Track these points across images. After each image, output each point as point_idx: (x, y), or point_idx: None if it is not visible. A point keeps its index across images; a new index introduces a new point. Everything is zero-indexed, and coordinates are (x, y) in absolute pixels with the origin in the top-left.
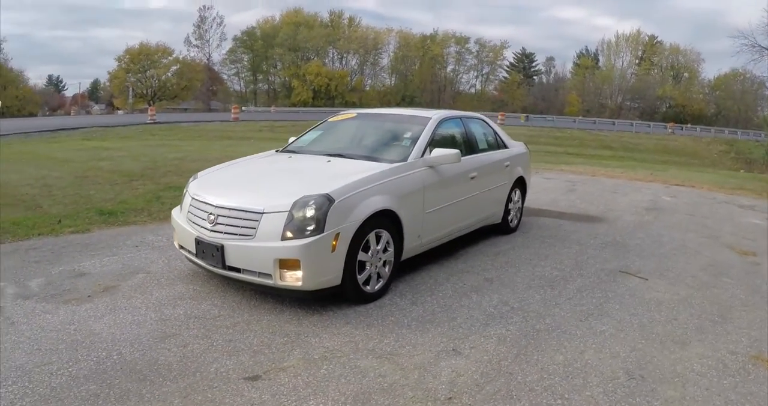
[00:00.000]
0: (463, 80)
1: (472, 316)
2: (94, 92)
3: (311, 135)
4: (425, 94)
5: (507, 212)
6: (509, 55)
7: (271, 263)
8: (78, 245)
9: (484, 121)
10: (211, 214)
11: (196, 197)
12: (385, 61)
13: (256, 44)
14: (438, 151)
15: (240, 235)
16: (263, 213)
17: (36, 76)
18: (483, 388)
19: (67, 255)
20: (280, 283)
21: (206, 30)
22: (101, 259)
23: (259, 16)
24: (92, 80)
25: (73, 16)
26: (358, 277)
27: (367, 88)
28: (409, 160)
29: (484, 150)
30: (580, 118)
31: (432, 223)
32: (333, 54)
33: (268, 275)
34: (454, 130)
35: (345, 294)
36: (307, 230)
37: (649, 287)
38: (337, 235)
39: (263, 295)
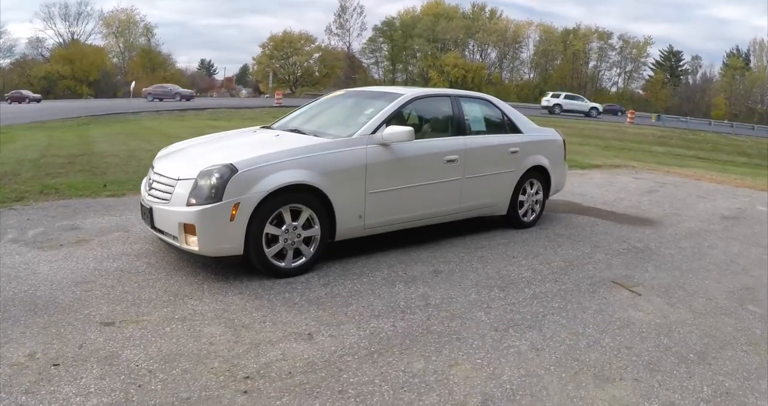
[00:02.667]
0: (605, 77)
1: (370, 305)
2: (242, 77)
3: (297, 111)
4: (565, 90)
5: (518, 204)
6: (655, 53)
7: (176, 226)
8: (101, 206)
9: (489, 101)
10: (150, 179)
11: (152, 165)
12: (525, 54)
13: (396, 34)
14: (390, 129)
15: (162, 199)
16: (178, 180)
17: (191, 61)
18: (293, 376)
19: (81, 213)
20: (184, 246)
21: (347, 19)
22: (103, 218)
23: (401, 6)
24: (242, 65)
25: (229, 4)
26: (267, 250)
27: (506, 82)
28: (354, 136)
29: (479, 133)
30: (715, 121)
31: (381, 205)
32: (473, 46)
33: (176, 238)
34: (436, 109)
35: (253, 266)
36: (207, 198)
37: (633, 304)
38: (237, 204)
39: (195, 259)
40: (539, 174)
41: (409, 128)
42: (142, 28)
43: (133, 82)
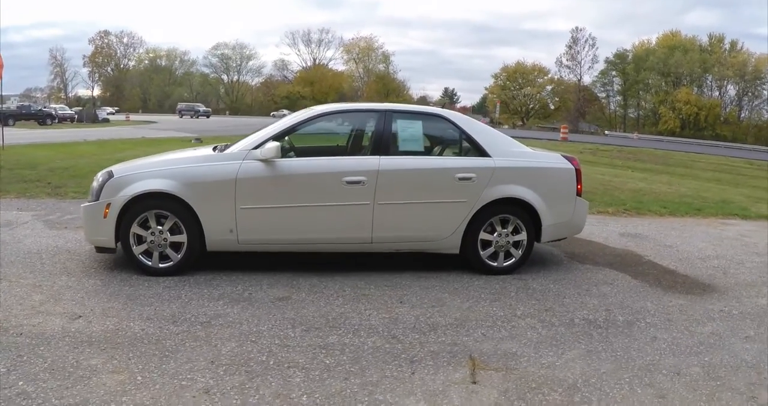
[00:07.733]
0: None
1: (161, 312)
2: (482, 106)
3: None
4: None
5: (484, 243)
6: None
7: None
8: None
9: (443, 118)
10: None
11: None
12: (766, 92)
13: (628, 67)
14: (266, 145)
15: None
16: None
17: (436, 89)
18: (17, 336)
19: None
20: (82, 234)
21: (578, 51)
22: None
23: (636, 38)
24: (482, 95)
25: (478, 35)
26: (134, 248)
27: (743, 122)
28: (234, 150)
29: (411, 154)
30: None
31: (257, 222)
32: (710, 81)
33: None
34: (352, 126)
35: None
36: (91, 197)
37: (432, 392)
38: (108, 205)
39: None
40: (520, 209)
41: (276, 144)
42: (380, 55)
43: None
